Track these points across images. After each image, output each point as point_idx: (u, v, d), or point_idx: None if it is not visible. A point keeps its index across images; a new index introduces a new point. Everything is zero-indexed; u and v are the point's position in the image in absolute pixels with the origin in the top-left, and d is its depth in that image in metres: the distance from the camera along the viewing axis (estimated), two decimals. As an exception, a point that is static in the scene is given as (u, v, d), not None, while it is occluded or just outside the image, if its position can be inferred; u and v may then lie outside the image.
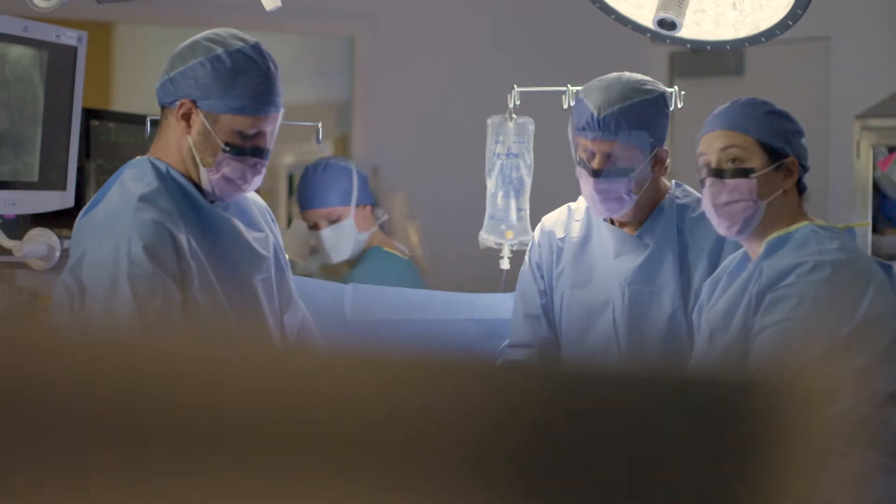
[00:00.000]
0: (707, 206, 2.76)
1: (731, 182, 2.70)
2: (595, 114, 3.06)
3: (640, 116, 3.08)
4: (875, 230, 5.08)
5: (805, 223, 2.70)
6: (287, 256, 4.57)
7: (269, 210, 2.93)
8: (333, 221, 4.34)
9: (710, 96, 6.58)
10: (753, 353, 2.60)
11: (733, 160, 2.71)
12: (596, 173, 3.05)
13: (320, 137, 3.38)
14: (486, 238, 3.61)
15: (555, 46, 6.32)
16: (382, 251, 4.48)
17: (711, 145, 2.73)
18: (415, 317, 3.57)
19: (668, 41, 3.74)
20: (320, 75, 6.97)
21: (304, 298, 3.47)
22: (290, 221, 6.18)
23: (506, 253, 3.59)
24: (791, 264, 2.61)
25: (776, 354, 2.56)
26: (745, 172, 2.70)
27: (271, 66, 2.72)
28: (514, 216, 3.58)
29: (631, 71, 3.26)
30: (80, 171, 3.75)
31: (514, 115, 3.56)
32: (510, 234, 3.59)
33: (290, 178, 6.19)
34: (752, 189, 2.69)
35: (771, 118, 2.74)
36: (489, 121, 3.59)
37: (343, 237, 4.35)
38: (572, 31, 6.19)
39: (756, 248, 2.72)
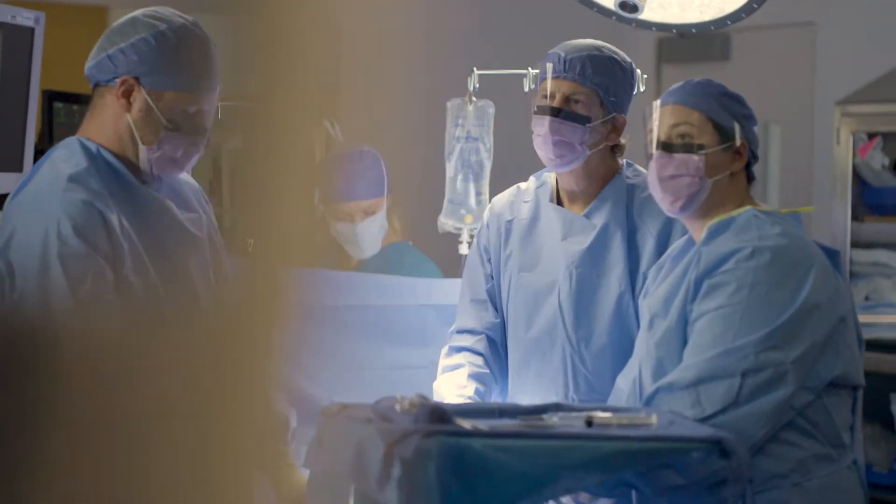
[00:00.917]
0: (652, 180, 2.71)
1: (678, 157, 2.66)
2: (562, 55, 3.06)
3: (605, 68, 3.06)
4: (855, 217, 5.02)
5: (748, 208, 2.65)
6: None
7: (202, 191, 2.89)
8: (370, 214, 4.18)
9: (696, 82, 6.55)
10: (690, 340, 2.55)
11: (683, 136, 2.66)
12: (554, 111, 3.02)
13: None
14: (445, 222, 3.58)
15: (541, 31, 6.27)
16: (409, 247, 4.37)
17: (663, 120, 2.69)
18: (372, 302, 3.53)
19: (633, 24, 3.70)
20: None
21: (261, 282, 3.44)
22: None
23: (465, 237, 3.55)
24: (730, 249, 2.56)
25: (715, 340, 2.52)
26: (693, 148, 2.65)
27: (212, 44, 2.69)
28: (472, 200, 3.55)
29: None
30: (43, 153, 3.72)
31: (473, 99, 3.53)
32: (469, 219, 3.55)
33: (270, 163, 6.11)
34: (700, 166, 2.65)
35: (725, 99, 2.69)
36: (448, 104, 3.55)
37: (377, 230, 4.17)
38: (560, 15, 6.14)
39: (699, 231, 2.67)
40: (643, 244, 3.03)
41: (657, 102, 2.73)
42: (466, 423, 2.24)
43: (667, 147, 2.67)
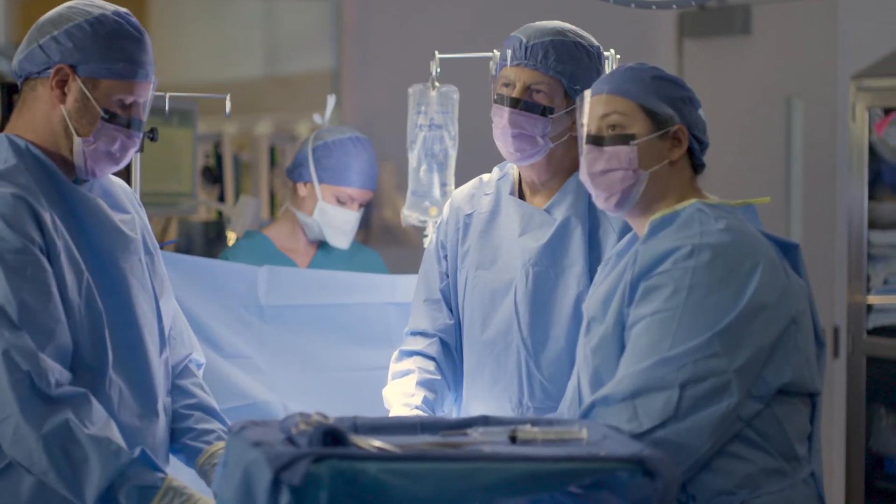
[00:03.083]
0: (584, 177, 2.49)
1: (609, 150, 2.43)
2: (523, 40, 2.87)
3: (570, 55, 2.86)
4: (872, 197, 4.75)
5: (693, 200, 2.43)
6: (235, 235, 4.39)
7: (135, 195, 2.79)
8: (362, 205, 4.03)
9: (717, 55, 6.32)
10: (626, 349, 2.35)
11: (613, 127, 2.44)
12: (514, 102, 2.83)
13: (228, 111, 3.18)
14: (409, 215, 3.41)
15: (557, 11, 6.06)
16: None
17: (592, 111, 2.46)
18: (332, 300, 3.36)
19: (611, 0, 3.51)
20: (310, 43, 6.78)
21: (216, 281, 3.29)
22: (272, 196, 5.96)
23: (430, 231, 3.38)
24: (667, 249, 2.34)
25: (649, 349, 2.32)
26: (624, 139, 2.43)
27: (146, 35, 2.63)
28: (437, 191, 3.38)
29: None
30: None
31: (436, 84, 3.35)
32: (433, 211, 3.39)
33: (272, 150, 5.94)
34: (632, 157, 2.42)
35: (658, 83, 2.46)
36: (410, 90, 3.39)
37: (357, 223, 4.04)
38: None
39: (642, 227, 2.46)
40: (605, 240, 2.82)
41: (587, 93, 2.51)
42: (374, 443, 2.06)
43: (596, 140, 2.45)
